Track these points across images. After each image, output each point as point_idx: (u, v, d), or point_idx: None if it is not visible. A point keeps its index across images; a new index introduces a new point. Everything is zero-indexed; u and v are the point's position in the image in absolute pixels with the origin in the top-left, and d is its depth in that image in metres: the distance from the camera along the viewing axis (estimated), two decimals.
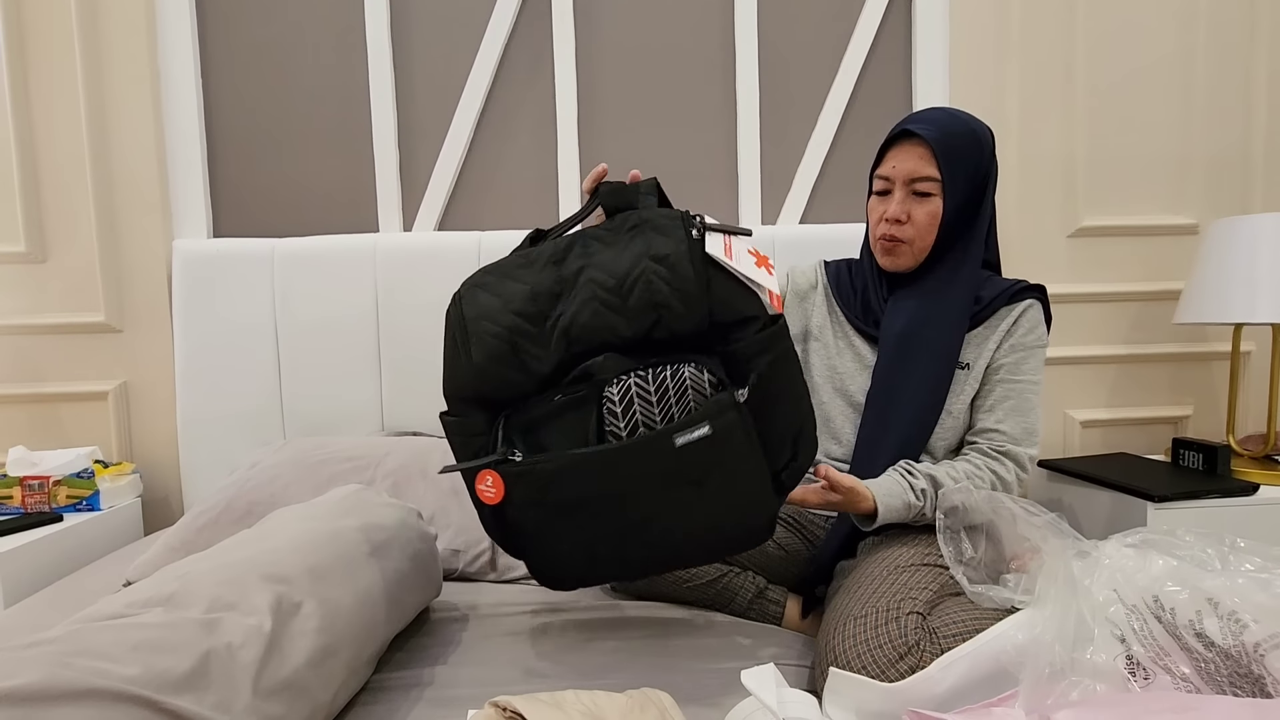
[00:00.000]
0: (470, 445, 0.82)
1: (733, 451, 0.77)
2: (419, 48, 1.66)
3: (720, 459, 0.77)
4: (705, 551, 0.84)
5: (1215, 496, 1.32)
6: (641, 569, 0.88)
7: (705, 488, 0.78)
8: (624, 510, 0.78)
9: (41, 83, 1.56)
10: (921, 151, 1.02)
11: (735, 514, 0.81)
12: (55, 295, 1.60)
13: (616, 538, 0.80)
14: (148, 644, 0.59)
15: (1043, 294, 1.09)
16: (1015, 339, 1.06)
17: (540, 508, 0.78)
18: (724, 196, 1.73)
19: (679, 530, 0.80)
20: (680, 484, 0.78)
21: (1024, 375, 1.06)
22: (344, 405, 1.61)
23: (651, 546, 0.81)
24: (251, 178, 1.67)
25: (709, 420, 0.76)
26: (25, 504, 1.42)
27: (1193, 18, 1.69)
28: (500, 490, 0.77)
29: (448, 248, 1.60)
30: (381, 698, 0.80)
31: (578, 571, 0.84)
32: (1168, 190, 1.73)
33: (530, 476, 0.77)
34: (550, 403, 0.80)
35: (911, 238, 1.05)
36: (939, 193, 1.02)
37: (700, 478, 0.77)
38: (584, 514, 0.78)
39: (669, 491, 0.78)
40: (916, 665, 0.77)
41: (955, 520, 0.91)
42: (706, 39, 1.69)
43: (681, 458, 0.76)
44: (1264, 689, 0.61)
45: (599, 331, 0.77)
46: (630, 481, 0.77)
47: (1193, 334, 1.76)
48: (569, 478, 0.77)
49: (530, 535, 0.81)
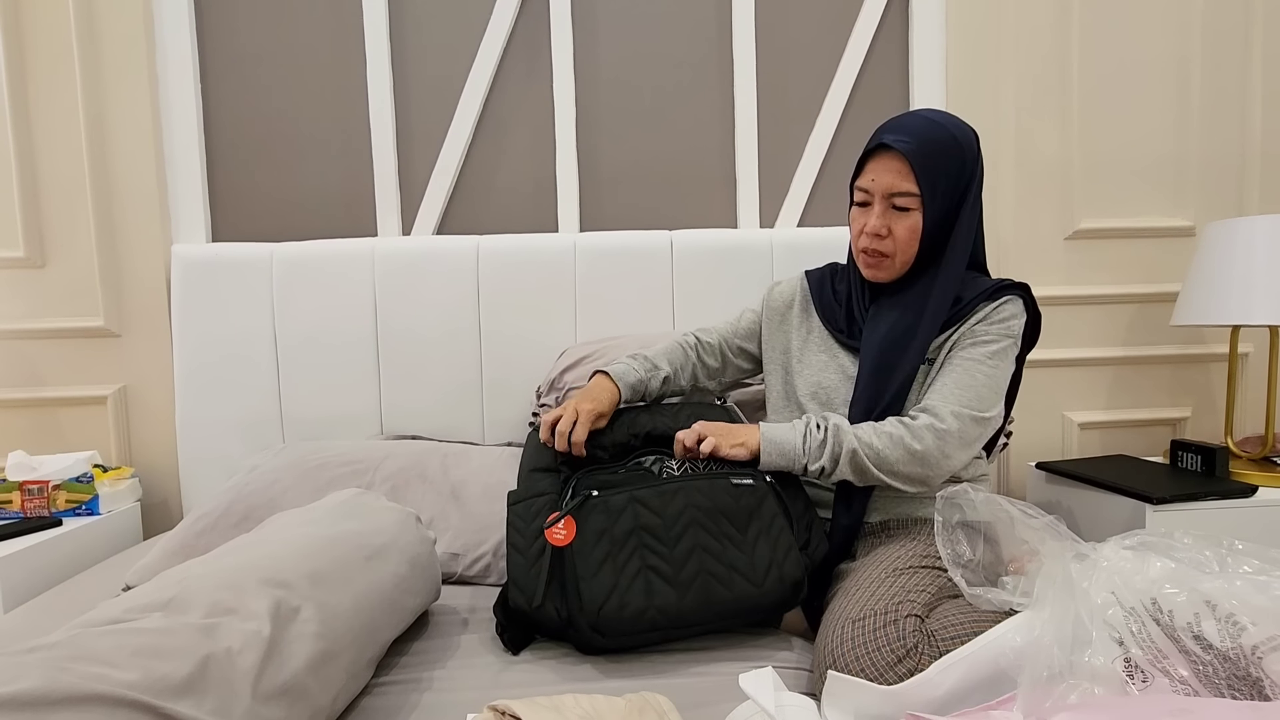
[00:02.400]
0: (534, 505, 0.98)
1: (769, 507, 0.96)
2: (417, 52, 1.67)
3: (759, 508, 0.96)
4: (769, 600, 0.91)
5: (1213, 498, 1.32)
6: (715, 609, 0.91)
7: (746, 534, 0.94)
8: (679, 539, 0.91)
9: (41, 88, 1.57)
10: (899, 166, 0.99)
11: (785, 565, 0.92)
12: (54, 300, 1.60)
13: (667, 569, 0.89)
14: (147, 649, 0.59)
15: (1025, 292, 1.06)
16: (979, 324, 1.03)
17: (608, 539, 0.91)
18: (722, 200, 1.73)
19: (719, 568, 0.90)
20: (727, 523, 0.94)
21: (975, 350, 1.01)
22: (343, 409, 1.61)
23: (725, 584, 0.90)
24: (250, 182, 1.68)
25: (751, 477, 0.99)
26: (24, 508, 1.42)
27: (1188, 21, 1.70)
28: (571, 531, 0.91)
29: (446, 252, 1.61)
30: (381, 701, 0.80)
31: (621, 602, 0.87)
32: (1164, 192, 1.74)
33: (606, 505, 0.93)
34: (620, 467, 1.04)
35: (892, 251, 1.04)
36: (918, 207, 1.00)
37: (744, 522, 0.94)
38: (644, 542, 0.91)
39: (718, 527, 0.93)
40: (915, 668, 0.77)
41: (954, 516, 0.91)
42: (704, 43, 1.70)
43: (735, 496, 0.96)
44: (1262, 692, 0.61)
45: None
46: (689, 511, 0.93)
47: (1190, 336, 1.76)
48: (639, 503, 0.94)
49: (586, 573, 0.89)
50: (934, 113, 1.04)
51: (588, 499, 0.94)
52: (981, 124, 1.69)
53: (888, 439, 0.98)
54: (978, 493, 0.93)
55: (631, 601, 0.86)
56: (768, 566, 0.91)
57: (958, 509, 0.91)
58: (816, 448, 1.00)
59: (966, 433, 0.98)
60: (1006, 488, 1.77)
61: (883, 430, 0.99)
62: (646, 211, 1.72)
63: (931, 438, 0.97)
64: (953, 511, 0.91)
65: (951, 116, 1.04)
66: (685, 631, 0.90)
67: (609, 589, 0.87)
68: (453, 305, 1.60)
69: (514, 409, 1.61)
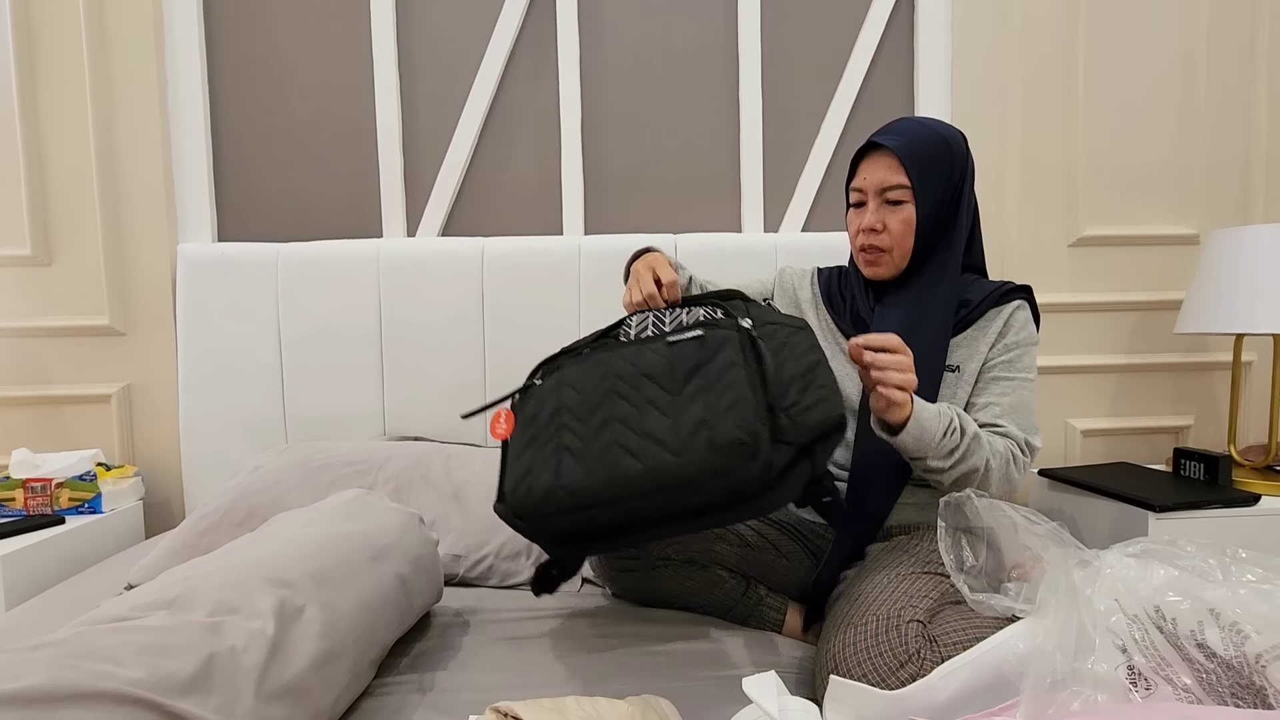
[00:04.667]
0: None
1: (723, 359, 0.81)
2: (424, 53, 1.68)
3: (708, 360, 0.82)
4: (689, 469, 0.76)
5: (1216, 507, 1.32)
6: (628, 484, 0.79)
7: (680, 395, 0.80)
8: (593, 411, 0.82)
9: (49, 87, 1.57)
10: (890, 161, 1.03)
11: (719, 425, 0.76)
12: (60, 298, 1.61)
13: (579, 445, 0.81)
14: (152, 647, 0.59)
15: (1029, 294, 1.09)
16: (1008, 339, 1.06)
17: (535, 424, 0.85)
18: (727, 203, 1.73)
19: (632, 438, 0.79)
20: (654, 387, 0.82)
21: (1019, 372, 1.05)
22: (346, 410, 1.61)
23: (638, 455, 0.78)
24: (256, 182, 1.68)
25: (704, 329, 0.84)
26: (28, 506, 1.42)
27: (1194, 28, 1.70)
28: (510, 424, 0.86)
29: (451, 253, 1.61)
30: (383, 702, 0.80)
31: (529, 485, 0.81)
32: (1169, 200, 1.74)
33: (540, 389, 0.87)
34: (579, 352, 0.90)
35: (889, 246, 1.05)
36: (911, 199, 1.03)
37: (679, 383, 0.81)
38: (564, 422, 0.83)
39: (639, 393, 0.82)
40: (917, 673, 0.77)
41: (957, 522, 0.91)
42: (710, 47, 1.70)
43: (673, 352, 0.83)
44: (1265, 700, 0.61)
45: None
46: (608, 380, 0.83)
47: (1194, 344, 1.76)
48: (566, 383, 0.86)
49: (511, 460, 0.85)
50: (920, 117, 1.10)
51: (530, 388, 0.89)
52: (986, 130, 1.69)
53: (1002, 466, 0.97)
54: (980, 499, 0.93)
55: (539, 483, 0.80)
56: (694, 429, 0.77)
57: (961, 515, 0.91)
58: (946, 453, 0.93)
59: (1029, 460, 1.02)
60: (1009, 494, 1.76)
61: (999, 453, 0.97)
62: (651, 215, 1.73)
63: (1023, 472, 1.01)
64: (956, 517, 0.91)
65: (938, 119, 1.09)
66: (607, 513, 0.78)
67: (524, 472, 0.82)
68: (457, 306, 1.61)
69: None
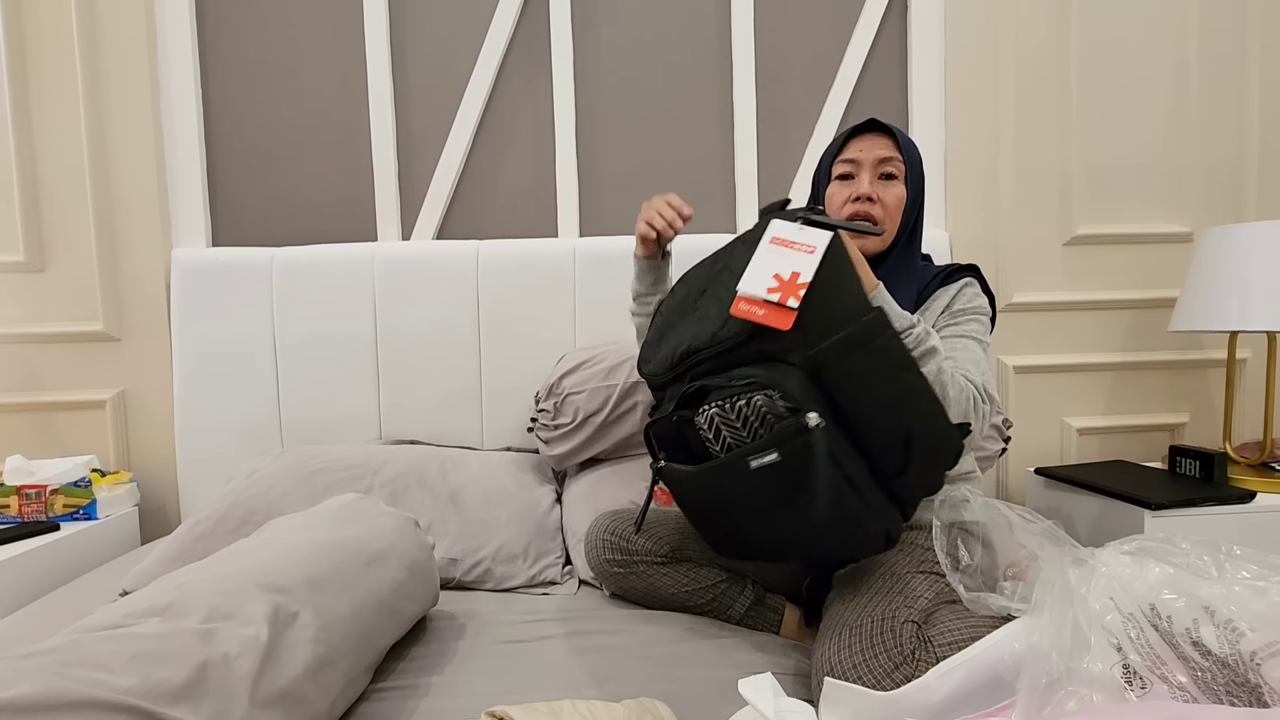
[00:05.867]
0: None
1: (812, 473, 0.78)
2: (417, 58, 1.67)
3: (799, 480, 0.79)
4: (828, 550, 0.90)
5: (1212, 504, 1.32)
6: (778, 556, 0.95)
7: (795, 505, 0.80)
8: (739, 518, 0.88)
9: (42, 92, 1.57)
10: (885, 140, 1.06)
11: (838, 528, 0.82)
12: (54, 304, 1.60)
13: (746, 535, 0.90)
14: (145, 654, 0.59)
15: (977, 273, 1.11)
16: (955, 308, 1.06)
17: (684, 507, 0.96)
18: (721, 205, 1.73)
19: (788, 541, 0.87)
20: (772, 503, 0.83)
21: (967, 333, 1.03)
22: (342, 414, 1.61)
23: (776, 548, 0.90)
24: (250, 187, 1.68)
25: (776, 447, 0.79)
26: (22, 513, 1.42)
27: (1185, 28, 1.71)
28: (669, 495, 0.96)
29: (446, 257, 1.61)
30: (379, 707, 0.80)
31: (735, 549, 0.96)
32: (1162, 198, 1.74)
33: (670, 484, 0.94)
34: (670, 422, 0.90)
35: (882, 218, 1.06)
36: (903, 178, 1.06)
37: (787, 498, 0.81)
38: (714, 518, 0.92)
39: (769, 508, 0.84)
40: (912, 675, 0.77)
41: (953, 521, 0.91)
42: (704, 49, 1.70)
43: (763, 478, 0.81)
44: (1261, 698, 0.61)
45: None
46: (731, 498, 0.86)
47: (1189, 341, 1.77)
48: (690, 489, 0.91)
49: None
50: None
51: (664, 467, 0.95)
52: (980, 130, 1.70)
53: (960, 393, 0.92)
54: (975, 497, 0.93)
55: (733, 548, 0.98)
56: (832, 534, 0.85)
57: (956, 513, 0.91)
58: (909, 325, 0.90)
59: (989, 410, 0.97)
60: (1005, 493, 1.77)
61: (959, 383, 0.93)
62: None
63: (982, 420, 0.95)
64: (951, 516, 0.91)
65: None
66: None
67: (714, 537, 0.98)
68: (452, 310, 1.61)
69: (513, 414, 1.61)
